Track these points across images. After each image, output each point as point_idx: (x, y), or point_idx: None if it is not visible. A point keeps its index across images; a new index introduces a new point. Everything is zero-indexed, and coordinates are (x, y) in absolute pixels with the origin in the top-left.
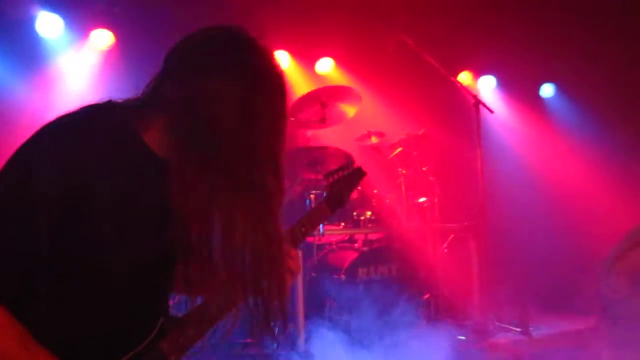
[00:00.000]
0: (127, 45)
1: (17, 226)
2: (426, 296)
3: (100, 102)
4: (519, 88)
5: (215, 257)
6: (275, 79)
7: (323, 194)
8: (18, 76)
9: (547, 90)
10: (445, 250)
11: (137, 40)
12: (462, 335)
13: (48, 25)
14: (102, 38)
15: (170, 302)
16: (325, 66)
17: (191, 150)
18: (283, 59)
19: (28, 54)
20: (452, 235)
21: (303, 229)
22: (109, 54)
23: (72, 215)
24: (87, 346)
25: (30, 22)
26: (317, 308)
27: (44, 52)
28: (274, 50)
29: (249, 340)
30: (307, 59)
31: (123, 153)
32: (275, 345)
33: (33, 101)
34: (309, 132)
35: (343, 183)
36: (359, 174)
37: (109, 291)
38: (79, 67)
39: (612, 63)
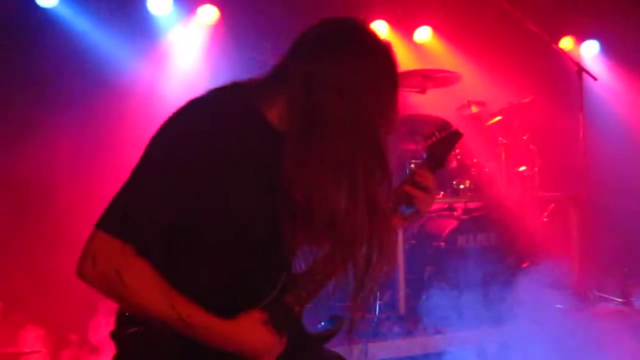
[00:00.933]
0: (231, 20)
1: (161, 193)
2: (525, 264)
3: (225, 84)
4: (625, 53)
5: (320, 227)
6: (392, 70)
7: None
8: (130, 53)
9: None
10: (546, 220)
11: (241, 15)
12: (560, 304)
13: (158, 3)
14: (209, 13)
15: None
16: (424, 35)
17: (304, 126)
18: (381, 28)
19: (139, 32)
20: (552, 205)
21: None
22: (215, 29)
23: (207, 185)
24: (218, 298)
25: (141, 0)
26: (416, 275)
27: (154, 30)
28: (372, 20)
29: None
30: (405, 28)
31: (248, 131)
32: (376, 310)
33: (144, 77)
34: (409, 101)
35: (441, 144)
36: (456, 135)
37: (238, 249)
38: (187, 43)
39: None
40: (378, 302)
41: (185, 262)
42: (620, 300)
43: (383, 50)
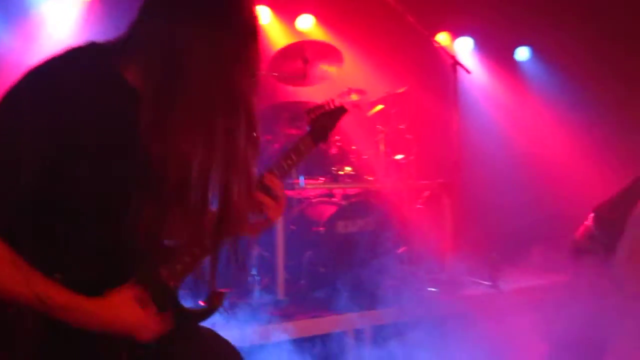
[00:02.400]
0: None
1: (6, 170)
2: (401, 250)
3: (82, 44)
4: (496, 50)
5: (174, 186)
6: (250, 25)
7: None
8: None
9: (522, 53)
10: (421, 206)
11: None
12: (434, 287)
13: None
14: None
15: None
16: (306, 23)
17: (163, 91)
18: (263, 13)
19: (8, 3)
20: (427, 192)
21: (289, 161)
22: (90, 3)
23: (58, 155)
24: (83, 274)
25: None
26: (296, 260)
27: (25, 2)
28: (254, 3)
29: (229, 290)
30: (287, 15)
31: (104, 89)
32: (255, 295)
33: (14, 51)
34: (290, 89)
35: (325, 118)
36: (341, 110)
37: (98, 219)
38: (61, 16)
39: (589, 28)
40: (257, 288)
41: (43, 237)
42: (488, 283)
43: (244, 10)
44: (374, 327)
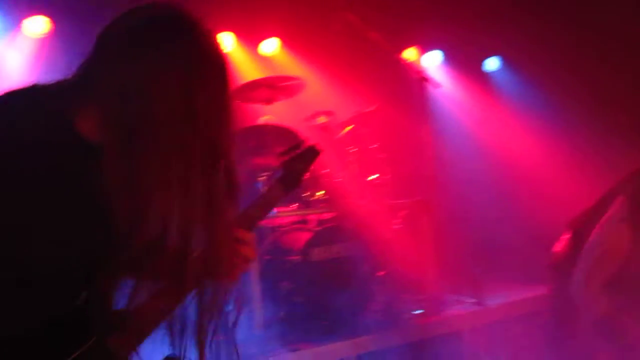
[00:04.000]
0: (65, 30)
1: None
2: (382, 273)
3: (24, 86)
4: (465, 62)
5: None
6: (218, 66)
7: (275, 175)
8: None
9: (492, 63)
10: (399, 226)
11: (76, 24)
12: (418, 309)
13: None
14: (37, 24)
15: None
16: (271, 47)
17: (125, 144)
18: (227, 40)
19: None
20: (404, 211)
21: (257, 212)
22: (45, 41)
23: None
24: (27, 348)
25: None
26: (272, 291)
27: None
28: (217, 32)
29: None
30: (251, 40)
31: (53, 141)
32: (232, 329)
33: None
34: (260, 119)
35: (297, 161)
36: (313, 151)
37: (48, 288)
38: (12, 57)
39: (559, 37)
40: (233, 323)
41: None
42: (473, 300)
43: (205, 42)
44: (358, 356)
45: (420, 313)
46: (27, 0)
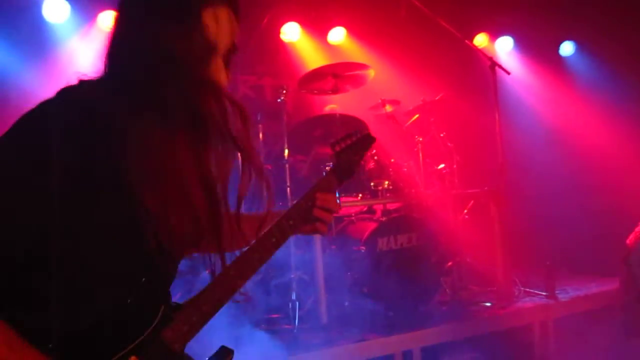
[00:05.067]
0: None
1: (8, 223)
2: (449, 264)
3: (73, 83)
4: (537, 48)
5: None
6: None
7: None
8: (26, 64)
9: (566, 48)
10: (466, 217)
11: None
12: (487, 302)
13: (55, 10)
14: (109, 19)
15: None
16: (338, 36)
17: (137, 105)
18: (294, 30)
19: (36, 41)
20: (472, 201)
21: (309, 203)
22: None
23: (53, 204)
24: (82, 339)
25: (36, 7)
26: (338, 281)
27: (52, 38)
28: (285, 23)
29: (272, 316)
30: (318, 30)
31: (90, 124)
32: (296, 320)
33: (42, 88)
34: (327, 108)
35: (351, 151)
36: (367, 140)
37: (103, 279)
38: (87, 51)
39: (635, 23)
40: (298, 313)
41: (37, 303)
42: (544, 293)
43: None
44: (423, 348)
45: (489, 305)
46: None
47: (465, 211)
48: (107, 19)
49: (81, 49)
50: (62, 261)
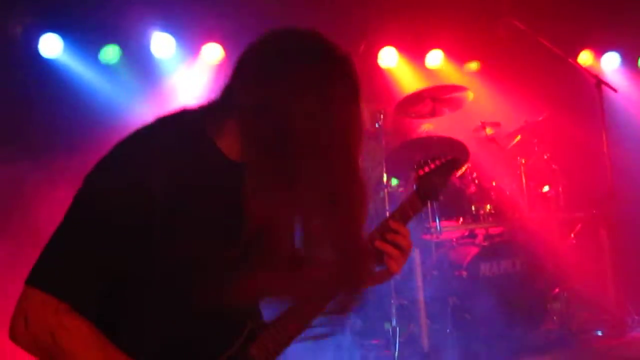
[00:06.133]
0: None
1: (100, 239)
2: (556, 290)
3: (174, 110)
4: None
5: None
6: (351, 87)
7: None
8: (135, 98)
9: None
10: (574, 241)
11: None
12: (598, 330)
13: (161, 45)
14: (213, 52)
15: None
16: (435, 59)
17: (266, 157)
18: (391, 55)
19: (144, 76)
20: (579, 225)
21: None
22: (220, 68)
23: (149, 222)
24: (171, 353)
25: (144, 43)
26: (439, 307)
27: (159, 72)
28: (380, 47)
29: (373, 342)
30: (415, 54)
31: (195, 156)
32: (396, 346)
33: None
34: (422, 128)
35: (435, 175)
36: (453, 163)
37: (189, 296)
38: (192, 84)
39: None
40: (398, 339)
41: (132, 315)
42: None
43: (337, 62)
44: None
45: (600, 335)
46: (205, 28)
47: (572, 235)
48: (211, 51)
49: (187, 82)
50: (162, 276)
